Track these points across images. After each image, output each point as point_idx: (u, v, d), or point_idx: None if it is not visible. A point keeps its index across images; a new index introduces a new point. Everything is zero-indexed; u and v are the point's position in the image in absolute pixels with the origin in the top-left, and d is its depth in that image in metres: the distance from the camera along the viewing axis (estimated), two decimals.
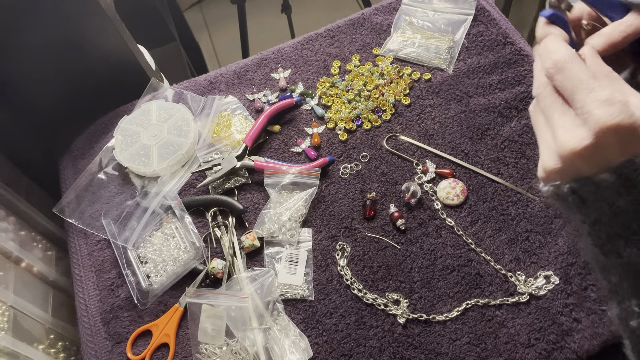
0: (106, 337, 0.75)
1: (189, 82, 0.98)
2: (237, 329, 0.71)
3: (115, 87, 0.96)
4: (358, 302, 0.73)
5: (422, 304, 0.72)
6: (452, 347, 0.69)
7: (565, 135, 0.37)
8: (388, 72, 0.93)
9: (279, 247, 0.78)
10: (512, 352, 0.68)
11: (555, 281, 0.71)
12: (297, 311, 0.74)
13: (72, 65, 0.91)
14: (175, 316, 0.74)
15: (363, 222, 0.79)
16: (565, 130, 0.37)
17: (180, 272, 0.76)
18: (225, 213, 0.82)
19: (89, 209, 0.84)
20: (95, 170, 0.88)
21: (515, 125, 0.85)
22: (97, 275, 0.80)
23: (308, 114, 0.92)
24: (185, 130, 0.88)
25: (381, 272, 0.75)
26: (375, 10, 1.03)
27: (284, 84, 0.94)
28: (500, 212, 0.78)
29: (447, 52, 0.94)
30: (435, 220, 0.78)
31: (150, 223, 0.80)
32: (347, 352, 0.70)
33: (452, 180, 0.80)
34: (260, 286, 0.73)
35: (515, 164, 0.82)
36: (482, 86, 0.90)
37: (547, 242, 0.75)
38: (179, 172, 0.87)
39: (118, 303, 0.77)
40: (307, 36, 1.01)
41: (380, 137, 0.87)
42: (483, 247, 0.75)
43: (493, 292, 0.72)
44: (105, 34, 0.89)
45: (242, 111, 0.92)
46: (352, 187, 0.83)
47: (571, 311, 0.69)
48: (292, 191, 0.82)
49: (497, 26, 0.96)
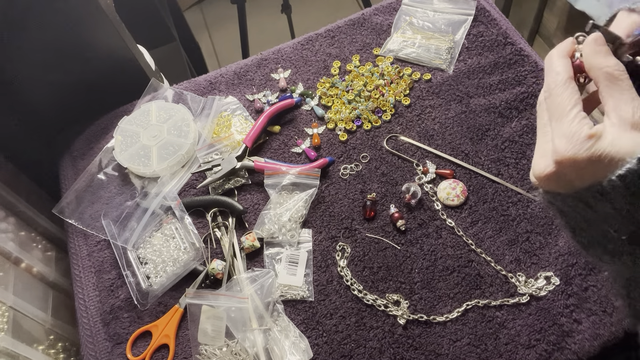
0: (106, 337, 0.75)
1: (189, 82, 0.98)
2: (237, 330, 0.71)
3: (115, 87, 0.96)
4: (358, 303, 0.73)
5: (422, 305, 0.72)
6: (453, 348, 0.69)
7: (536, 160, 0.41)
8: (388, 72, 0.93)
9: (279, 248, 0.78)
10: (513, 353, 0.67)
11: (555, 282, 0.71)
12: (297, 312, 0.73)
13: (72, 65, 0.91)
14: (175, 317, 0.74)
15: (363, 222, 0.79)
16: (538, 154, 0.41)
17: (180, 273, 0.76)
18: (225, 214, 0.82)
19: (89, 210, 0.84)
20: (95, 171, 0.88)
21: (515, 126, 0.85)
22: (97, 276, 0.80)
23: (308, 114, 0.91)
24: (185, 131, 0.88)
25: (381, 272, 0.75)
26: (376, 10, 1.02)
27: (284, 84, 0.94)
28: (500, 213, 0.78)
29: (448, 53, 0.94)
30: (435, 220, 0.78)
31: (150, 224, 0.80)
32: (347, 353, 0.70)
33: (453, 181, 0.80)
34: (260, 287, 0.73)
35: (515, 164, 0.82)
36: (482, 86, 0.90)
37: (548, 243, 0.74)
38: (179, 172, 0.87)
39: (118, 304, 0.77)
40: (307, 36, 1.01)
41: (380, 138, 0.87)
42: (483, 247, 0.75)
43: (493, 293, 0.72)
44: (105, 34, 0.89)
45: (242, 111, 0.92)
46: (352, 187, 0.83)
47: (572, 312, 0.69)
48: (292, 192, 0.81)
49: (498, 26, 0.96)
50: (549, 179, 0.40)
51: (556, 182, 0.40)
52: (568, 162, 0.37)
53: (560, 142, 0.38)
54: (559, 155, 0.38)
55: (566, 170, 0.38)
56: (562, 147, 0.38)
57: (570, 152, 0.37)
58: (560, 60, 0.41)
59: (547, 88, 0.41)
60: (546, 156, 0.40)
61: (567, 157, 0.37)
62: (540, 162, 0.40)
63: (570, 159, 0.37)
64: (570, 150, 0.37)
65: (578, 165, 0.37)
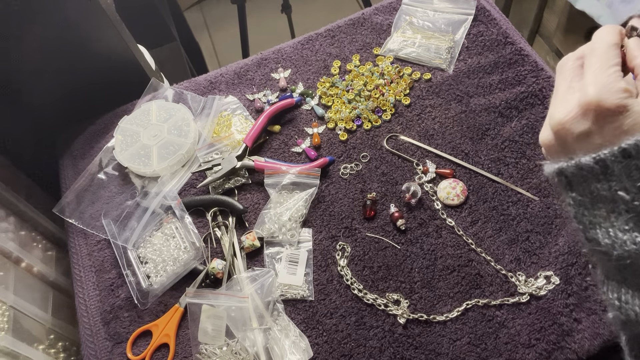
0: (106, 337, 0.75)
1: (189, 82, 0.98)
2: (237, 329, 0.71)
3: (115, 87, 0.96)
4: (358, 302, 0.73)
5: (422, 304, 0.72)
6: (453, 347, 0.69)
7: (557, 108, 0.40)
8: (388, 72, 0.93)
9: (279, 247, 0.78)
10: (513, 352, 0.68)
11: (555, 281, 0.71)
12: (297, 311, 0.74)
13: (72, 65, 0.91)
14: (175, 316, 0.74)
15: (363, 222, 0.79)
16: (559, 103, 0.41)
17: (181, 272, 0.76)
18: (225, 213, 0.82)
19: (89, 209, 0.84)
20: (95, 171, 0.88)
21: (515, 126, 0.85)
22: (97, 276, 0.80)
23: (308, 114, 0.92)
24: (186, 130, 0.88)
25: (381, 272, 0.75)
26: (376, 10, 1.03)
27: (284, 84, 0.94)
28: (500, 212, 0.78)
29: (448, 52, 0.94)
30: (435, 220, 0.78)
31: (150, 223, 0.80)
32: (347, 352, 0.70)
33: (453, 181, 0.80)
34: (260, 286, 0.73)
35: (515, 164, 0.82)
36: (482, 86, 0.90)
37: (548, 242, 0.75)
38: (179, 172, 0.87)
39: (118, 303, 0.77)
40: (307, 36, 1.01)
41: (380, 137, 0.87)
42: (483, 247, 0.75)
43: (493, 293, 0.72)
44: (105, 34, 0.89)
45: (242, 111, 0.92)
46: (352, 187, 0.83)
47: (571, 311, 0.69)
48: (292, 191, 0.81)
49: (498, 26, 0.96)
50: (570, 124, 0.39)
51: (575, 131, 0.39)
52: (595, 105, 0.37)
53: (593, 88, 0.38)
54: (587, 98, 0.37)
55: (588, 118, 0.38)
56: (593, 92, 0.37)
57: (602, 96, 0.37)
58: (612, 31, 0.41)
59: (591, 46, 0.41)
60: (569, 103, 0.39)
61: (596, 101, 0.37)
62: (562, 108, 0.40)
63: (598, 103, 0.37)
64: (602, 94, 0.37)
65: (603, 113, 0.37)
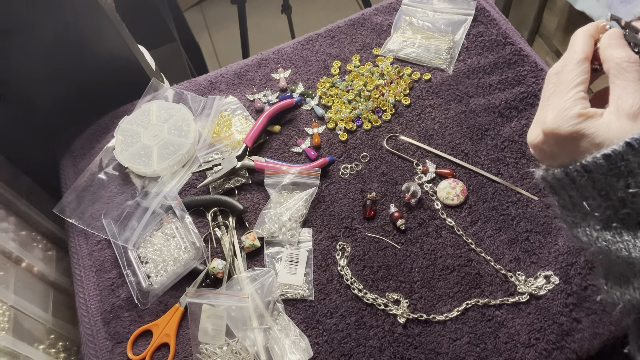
0: (106, 337, 0.75)
1: (189, 82, 0.98)
2: (238, 329, 0.71)
3: (116, 87, 0.96)
4: (358, 302, 0.73)
5: (422, 304, 0.72)
6: (452, 347, 0.69)
7: (531, 128, 0.43)
8: (388, 72, 0.93)
9: (279, 247, 0.78)
10: (512, 352, 0.68)
11: (555, 281, 0.71)
12: (297, 311, 0.74)
13: (73, 65, 0.91)
14: (175, 316, 0.74)
15: (363, 222, 0.79)
16: (534, 123, 0.43)
17: (181, 272, 0.77)
18: (225, 213, 0.82)
19: (90, 209, 0.85)
20: (95, 171, 0.88)
21: (515, 126, 0.85)
22: (97, 275, 0.80)
23: (308, 114, 0.92)
24: (186, 131, 0.88)
25: (381, 272, 0.75)
26: (375, 10, 1.03)
27: (284, 84, 0.94)
28: (500, 212, 0.78)
29: (447, 53, 0.94)
30: (435, 220, 0.78)
31: (151, 223, 0.80)
32: (347, 352, 0.70)
33: (452, 181, 0.81)
34: (260, 286, 0.73)
35: (515, 164, 0.82)
36: (482, 86, 0.90)
37: (547, 242, 0.75)
38: (179, 172, 0.87)
39: (118, 303, 0.77)
40: (307, 36, 1.01)
41: (380, 137, 0.87)
42: (483, 247, 0.75)
43: (493, 292, 0.72)
44: (105, 34, 0.89)
45: (242, 111, 0.92)
46: (352, 187, 0.83)
47: (571, 311, 0.69)
48: (292, 191, 0.82)
49: (497, 26, 0.96)
50: (537, 148, 0.42)
51: (544, 152, 0.42)
52: (551, 134, 0.40)
53: (551, 114, 0.40)
54: (545, 126, 0.40)
55: (550, 141, 0.40)
56: (550, 119, 0.40)
57: (555, 124, 0.39)
58: (582, 39, 0.43)
59: (562, 63, 0.43)
60: (537, 126, 0.42)
61: (550, 129, 0.40)
62: (533, 130, 0.43)
63: (552, 131, 0.39)
64: (555, 123, 0.39)
65: (559, 139, 0.39)
